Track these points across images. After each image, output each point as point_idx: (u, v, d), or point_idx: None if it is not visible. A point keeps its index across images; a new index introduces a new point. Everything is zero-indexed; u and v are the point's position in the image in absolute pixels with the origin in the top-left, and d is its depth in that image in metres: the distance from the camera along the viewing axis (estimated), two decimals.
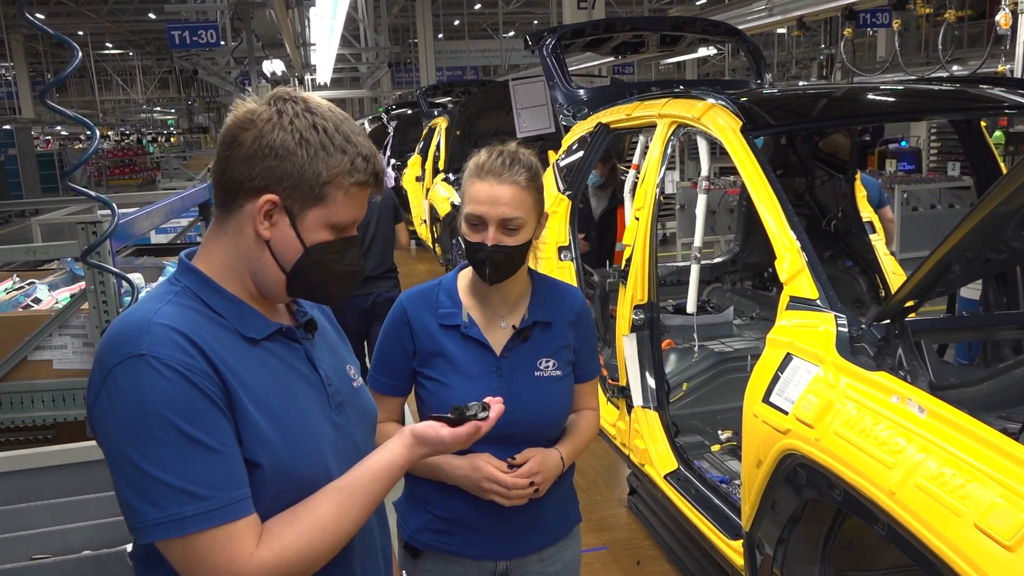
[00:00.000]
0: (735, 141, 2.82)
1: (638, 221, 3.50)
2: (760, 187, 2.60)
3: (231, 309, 1.31)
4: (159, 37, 31.09)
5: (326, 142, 1.28)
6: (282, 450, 1.27)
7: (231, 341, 1.28)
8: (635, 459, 3.51)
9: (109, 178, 26.71)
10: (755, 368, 2.36)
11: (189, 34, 14.05)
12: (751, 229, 5.50)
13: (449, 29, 36.12)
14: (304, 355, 1.39)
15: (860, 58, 22.20)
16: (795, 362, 2.18)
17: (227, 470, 1.19)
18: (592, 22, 5.41)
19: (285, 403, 1.30)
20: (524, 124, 7.10)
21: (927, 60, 17.34)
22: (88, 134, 3.15)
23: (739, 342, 4.40)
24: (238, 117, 1.29)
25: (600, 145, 4.23)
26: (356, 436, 1.43)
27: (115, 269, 2.96)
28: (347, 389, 1.45)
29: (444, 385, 1.87)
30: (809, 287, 2.28)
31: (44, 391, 3.17)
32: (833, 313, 2.18)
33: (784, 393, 2.15)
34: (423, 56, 26.51)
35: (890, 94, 3.24)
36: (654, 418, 3.41)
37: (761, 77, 5.41)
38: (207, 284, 1.32)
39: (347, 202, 1.31)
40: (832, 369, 2.05)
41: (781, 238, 2.43)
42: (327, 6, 13.72)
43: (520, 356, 1.90)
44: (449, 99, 12.55)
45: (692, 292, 3.43)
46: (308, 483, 1.29)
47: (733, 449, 3.53)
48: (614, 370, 4.21)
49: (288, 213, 1.29)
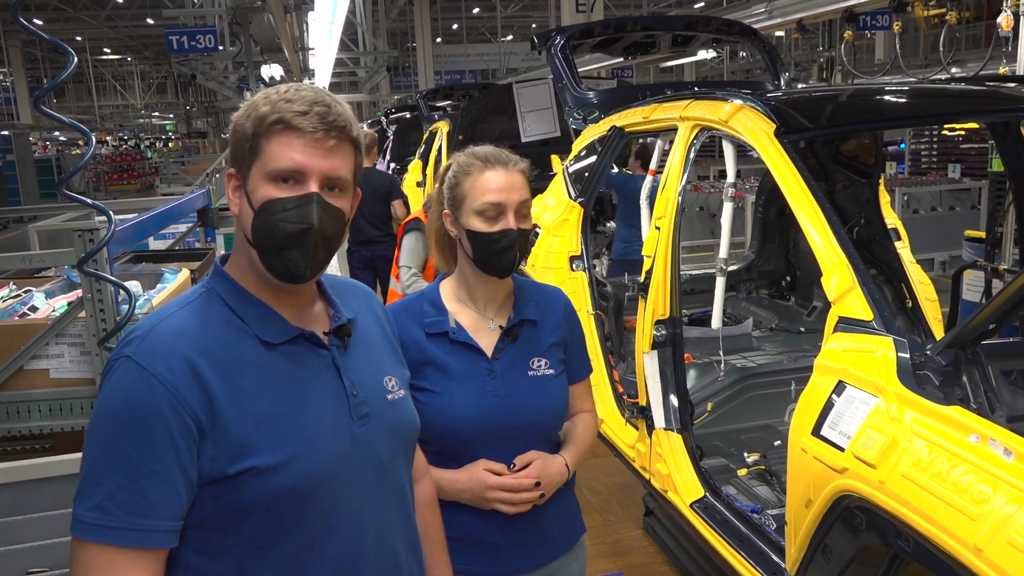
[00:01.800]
0: (769, 146, 2.60)
1: (659, 231, 3.28)
2: (801, 196, 2.38)
3: (252, 313, 1.30)
4: (157, 42, 31.06)
5: (259, 102, 1.28)
6: (275, 459, 1.23)
7: (244, 346, 1.27)
8: (657, 484, 3.29)
9: (107, 183, 26.54)
10: (802, 396, 2.13)
11: (187, 39, 14.03)
12: (767, 235, 5.29)
13: (447, 33, 36.04)
14: (330, 361, 1.35)
15: (859, 60, 22.09)
16: (849, 391, 1.96)
17: (142, 496, 1.17)
18: (602, 21, 5.19)
19: (290, 411, 1.27)
20: (529, 128, 6.90)
21: (927, 63, 17.35)
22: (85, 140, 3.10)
23: (760, 356, 4.19)
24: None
25: (615, 149, 4.02)
26: (380, 451, 1.37)
27: (112, 277, 2.91)
28: (378, 401, 1.40)
29: (436, 394, 1.82)
30: (862, 307, 2.05)
31: (41, 400, 3.10)
32: (892, 337, 1.95)
33: (838, 426, 1.93)
34: (421, 60, 26.51)
35: (932, 95, 3.02)
36: (677, 441, 3.19)
37: (778, 78, 5.19)
38: (232, 287, 1.32)
39: (278, 148, 1.26)
40: (895, 401, 1.83)
41: (828, 253, 2.21)
42: (325, 10, 13.60)
43: (512, 356, 1.88)
44: (449, 103, 12.33)
45: (717, 306, 3.21)
46: (304, 495, 1.26)
47: (761, 474, 3.31)
48: (630, 386, 3.99)
49: (240, 181, 1.30)
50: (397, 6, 29.50)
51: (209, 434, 1.21)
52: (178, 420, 1.19)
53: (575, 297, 4.16)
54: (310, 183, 1.27)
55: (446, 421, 1.80)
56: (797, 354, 4.14)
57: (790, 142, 2.60)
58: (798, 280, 5.20)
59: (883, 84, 3.98)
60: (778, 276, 5.43)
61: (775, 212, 5.29)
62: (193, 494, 1.21)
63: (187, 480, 1.20)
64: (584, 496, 4.58)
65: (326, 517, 1.29)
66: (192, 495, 1.21)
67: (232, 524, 1.24)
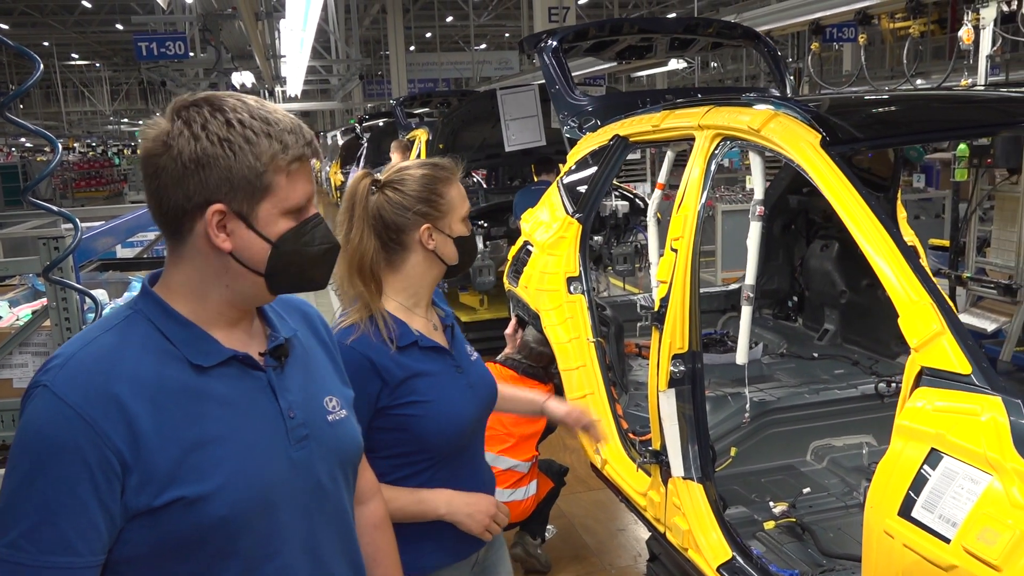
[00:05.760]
0: (817, 159, 2.24)
1: (675, 253, 2.91)
2: (864, 220, 2.02)
3: (183, 335, 1.26)
4: (127, 48, 30.54)
5: (247, 133, 1.24)
6: (204, 489, 1.19)
7: (173, 371, 1.23)
8: (675, 540, 2.91)
9: (75, 190, 25.98)
10: (882, 465, 1.76)
11: (157, 45, 13.85)
12: (770, 252, 4.94)
13: (421, 41, 35.79)
14: (266, 383, 1.32)
15: (827, 71, 22.10)
16: (949, 464, 1.59)
17: (59, 534, 1.14)
18: (597, 23, 4.82)
19: (221, 438, 1.23)
20: (513, 136, 6.58)
21: (892, 74, 17.46)
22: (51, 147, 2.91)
23: (776, 388, 3.82)
24: (149, 145, 1.24)
25: (618, 160, 3.64)
26: (321, 474, 1.35)
27: (78, 285, 2.89)
28: (318, 422, 1.37)
29: (429, 402, 1.87)
30: (956, 357, 1.68)
31: (4, 411, 3.12)
32: (1000, 396, 1.58)
33: (937, 509, 1.56)
34: (395, 68, 26.41)
35: (986, 101, 2.67)
36: (698, 493, 2.81)
37: (783, 84, 4.86)
38: (162, 309, 1.28)
39: (292, 182, 1.28)
40: (1016, 481, 1.46)
41: (905, 288, 1.84)
42: (297, 18, 13.23)
43: (458, 349, 2.00)
44: (426, 110, 11.97)
45: (743, 339, 2.85)
46: (238, 524, 1.23)
47: (791, 527, 2.94)
48: (635, 421, 3.61)
49: (240, 216, 1.25)
50: (370, 14, 29.30)
51: (133, 466, 1.16)
52: (97, 454, 1.15)
53: (573, 322, 3.78)
54: (311, 206, 1.32)
55: (449, 425, 1.88)
56: (817, 386, 3.77)
57: (840, 155, 2.24)
58: (807, 301, 4.85)
59: (916, 91, 3.65)
60: (783, 296, 5.09)
61: (779, 227, 4.96)
62: (116, 528, 1.17)
63: (107, 515, 1.16)
64: (579, 537, 4.20)
65: (263, 545, 1.27)
66: (115, 529, 1.17)
67: (165, 557, 1.21)
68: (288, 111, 1.31)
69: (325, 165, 25.35)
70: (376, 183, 1.94)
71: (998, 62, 12.18)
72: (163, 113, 1.26)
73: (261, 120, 1.25)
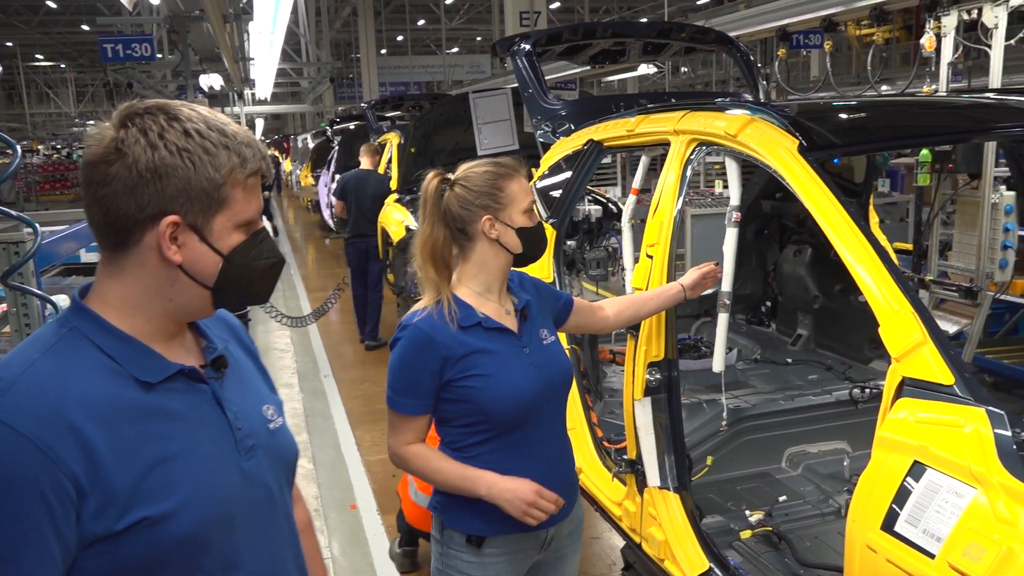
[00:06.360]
0: (796, 166, 2.21)
1: (651, 260, 2.87)
2: (843, 227, 1.99)
3: (125, 351, 1.22)
4: (92, 49, 30.08)
5: (205, 144, 1.21)
6: (167, 507, 1.17)
7: (120, 390, 1.19)
8: (651, 551, 2.87)
9: (39, 193, 25.53)
10: (863, 477, 1.72)
11: (123, 47, 13.72)
12: (743, 257, 4.93)
13: (392, 44, 35.65)
14: (211, 396, 1.29)
15: (795, 77, 22.29)
16: (932, 477, 1.56)
17: (17, 568, 1.09)
18: (570, 27, 4.78)
19: (177, 454, 1.20)
20: (485, 141, 6.50)
21: (858, 80, 17.66)
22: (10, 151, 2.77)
23: (751, 394, 3.80)
24: (99, 151, 1.19)
25: (592, 165, 3.60)
26: (270, 482, 1.34)
27: (39, 291, 2.83)
28: (261, 431, 1.35)
29: (489, 376, 2.06)
30: (938, 367, 1.65)
31: None
32: (983, 407, 1.56)
33: (921, 523, 1.53)
34: (366, 71, 26.32)
35: (968, 107, 2.66)
36: (675, 503, 2.77)
37: (756, 89, 4.84)
38: (100, 325, 1.22)
39: (247, 196, 1.26)
40: (1002, 495, 1.43)
41: (886, 297, 1.80)
42: (266, 20, 13.09)
43: (529, 332, 2.19)
44: (398, 113, 11.89)
45: (719, 347, 2.81)
46: (201, 540, 1.20)
47: (768, 536, 2.91)
48: (610, 429, 3.57)
49: (193, 229, 1.23)
50: (341, 17, 29.14)
51: (90, 492, 1.12)
52: (52, 483, 1.09)
53: None
54: (259, 220, 1.30)
55: (508, 397, 2.06)
56: (791, 392, 3.76)
57: (818, 161, 2.21)
58: (780, 306, 4.85)
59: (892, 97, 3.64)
60: (756, 301, 5.09)
61: (752, 232, 4.95)
62: (71, 557, 1.13)
63: (63, 545, 1.12)
64: None
65: (224, 559, 1.25)
66: (69, 558, 1.13)
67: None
68: (258, 114, 1.27)
69: (296, 168, 25.15)
70: (446, 181, 2.15)
71: (960, 69, 12.37)
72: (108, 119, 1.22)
73: (218, 131, 1.23)
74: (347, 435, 5.88)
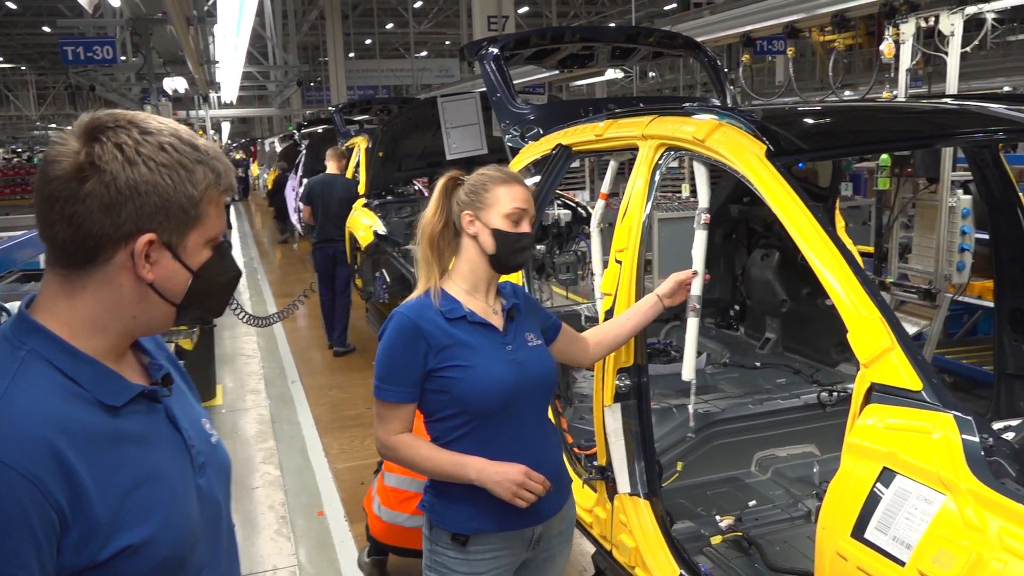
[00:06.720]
0: (763, 171, 2.21)
1: (620, 265, 2.86)
2: (811, 233, 1.99)
3: (89, 374, 1.18)
4: (54, 51, 29.64)
5: (182, 160, 1.19)
6: (147, 533, 1.15)
7: (90, 417, 1.15)
8: (621, 559, 2.86)
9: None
10: (833, 484, 1.72)
11: (84, 50, 13.54)
12: (712, 261, 4.94)
13: (360, 48, 35.52)
14: (165, 415, 1.28)
15: (761, 82, 22.44)
16: (901, 483, 1.55)
17: None
18: (538, 31, 4.78)
19: (149, 477, 1.18)
20: (454, 145, 6.48)
21: (822, 85, 17.91)
22: None
23: (720, 399, 3.80)
24: (69, 166, 1.13)
25: (561, 170, 3.59)
26: (219, 496, 1.35)
27: None
28: (206, 447, 1.35)
29: (468, 367, 2.12)
30: (906, 373, 1.65)
31: None
32: (951, 413, 1.56)
33: (891, 530, 1.52)
34: (334, 75, 26.22)
35: (930, 113, 2.67)
36: (645, 510, 2.76)
37: (723, 94, 4.86)
38: (59, 346, 1.17)
39: (218, 212, 1.26)
40: (970, 501, 1.42)
41: (854, 301, 1.80)
42: (230, 23, 12.97)
43: (515, 332, 2.25)
44: (366, 117, 11.82)
45: (689, 352, 2.79)
46: (176, 562, 1.20)
47: (738, 541, 2.91)
48: (580, 435, 3.56)
49: (168, 247, 1.20)
50: (308, 20, 29.01)
51: (72, 523, 1.09)
52: (40, 514, 1.06)
53: None
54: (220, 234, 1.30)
55: (484, 388, 2.12)
56: (760, 396, 3.77)
57: (785, 166, 2.21)
58: (748, 310, 4.86)
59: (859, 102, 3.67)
60: (724, 305, 5.10)
61: (720, 236, 4.97)
62: None
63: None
64: None
65: (194, 572, 1.25)
66: None
67: None
68: (224, 117, 1.24)
69: (263, 172, 24.95)
70: (458, 181, 2.27)
71: (920, 75, 12.57)
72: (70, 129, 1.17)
73: (191, 146, 1.20)
74: (315, 442, 5.81)
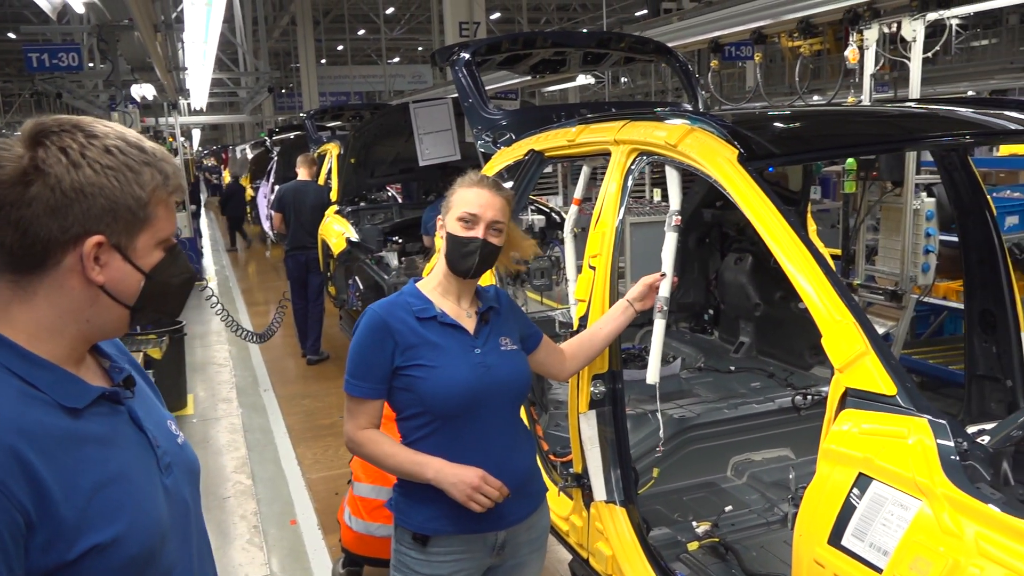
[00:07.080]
0: (735, 175, 2.20)
1: (594, 271, 2.85)
2: (783, 237, 1.98)
3: (48, 379, 1.18)
4: (19, 58, 29.25)
5: (128, 162, 1.20)
6: (114, 533, 1.16)
7: (51, 420, 1.16)
8: (598, 567, 2.84)
9: None
10: (809, 490, 1.71)
11: (49, 57, 13.30)
12: (686, 266, 4.95)
13: (332, 54, 35.39)
14: (128, 417, 1.28)
15: (731, 87, 22.57)
16: (877, 489, 1.54)
17: None
18: (510, 36, 4.76)
19: (114, 478, 1.19)
20: (427, 151, 6.46)
21: (790, 90, 18.14)
22: None
23: (695, 403, 3.80)
24: (12, 170, 1.13)
25: (534, 175, 3.57)
26: (187, 496, 1.36)
27: None
28: (173, 447, 1.36)
29: (434, 368, 2.14)
30: (880, 378, 1.65)
31: None
32: (926, 418, 1.55)
33: (867, 537, 1.51)
34: (305, 81, 26.10)
35: (902, 117, 2.68)
36: (621, 517, 2.74)
37: (695, 99, 4.88)
38: (15, 352, 1.18)
39: (168, 213, 1.26)
40: (946, 507, 1.42)
41: (828, 306, 1.80)
42: (198, 30, 12.82)
43: (487, 336, 2.24)
44: (338, 123, 11.75)
45: (655, 354, 2.77)
46: (143, 561, 1.21)
47: (715, 547, 2.90)
48: (556, 442, 3.54)
49: (117, 248, 1.21)
50: (279, 26, 28.85)
51: (39, 525, 1.10)
52: (6, 518, 1.06)
53: None
54: (172, 236, 1.30)
55: (446, 389, 2.13)
56: (735, 400, 3.76)
57: (757, 170, 2.20)
58: (722, 314, 4.87)
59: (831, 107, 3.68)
60: (699, 309, 5.11)
61: (694, 241, 4.98)
62: None
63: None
64: None
65: (164, 570, 1.26)
66: None
67: None
68: (194, 124, 1.22)
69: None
70: None
71: (887, 80, 12.71)
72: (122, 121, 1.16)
73: (137, 148, 1.21)
74: (288, 451, 5.75)
